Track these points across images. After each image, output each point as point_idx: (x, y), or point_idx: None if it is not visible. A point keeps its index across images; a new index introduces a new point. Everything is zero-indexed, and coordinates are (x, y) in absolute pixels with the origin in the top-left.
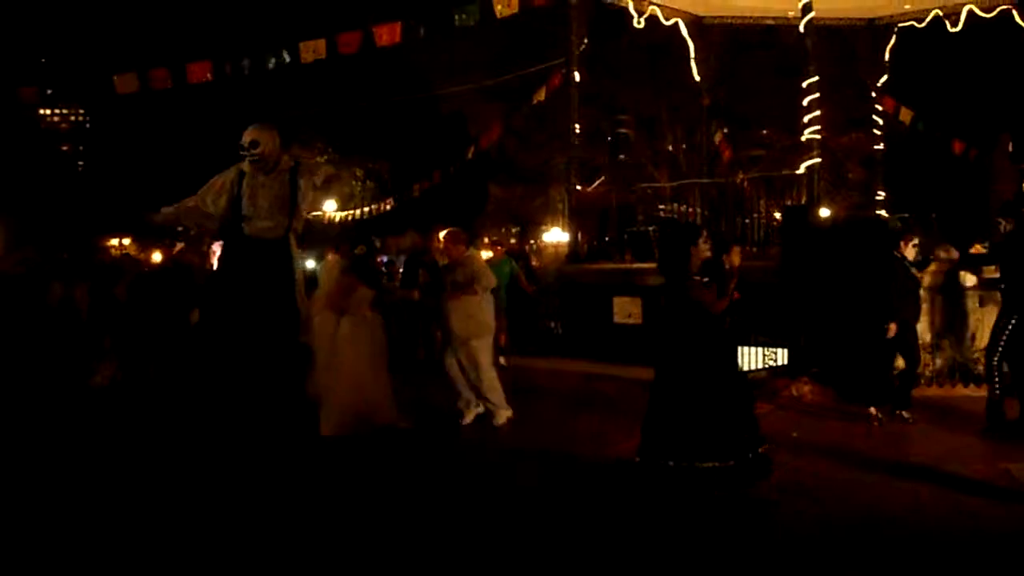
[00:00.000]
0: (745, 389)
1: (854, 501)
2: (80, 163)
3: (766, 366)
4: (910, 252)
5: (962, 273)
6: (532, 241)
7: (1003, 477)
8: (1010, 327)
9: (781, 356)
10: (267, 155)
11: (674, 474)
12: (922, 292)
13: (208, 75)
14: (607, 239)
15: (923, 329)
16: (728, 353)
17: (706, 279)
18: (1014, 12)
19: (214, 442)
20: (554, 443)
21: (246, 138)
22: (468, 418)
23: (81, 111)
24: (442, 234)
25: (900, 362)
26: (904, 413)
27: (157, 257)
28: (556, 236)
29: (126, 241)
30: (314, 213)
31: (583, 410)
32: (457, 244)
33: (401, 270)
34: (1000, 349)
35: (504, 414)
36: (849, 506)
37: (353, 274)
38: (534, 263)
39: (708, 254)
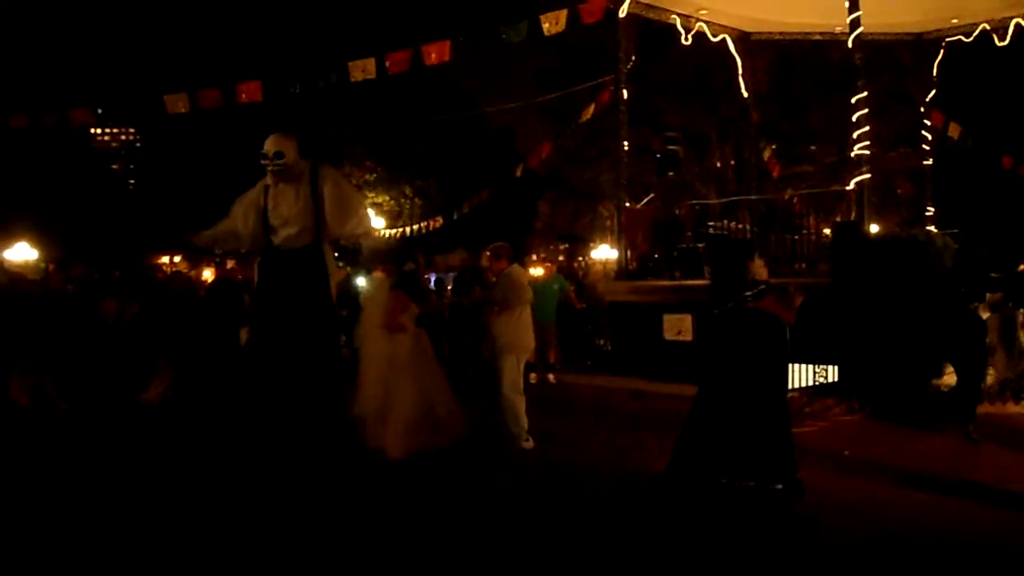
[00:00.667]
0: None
1: (910, 519)
2: (131, 182)
3: (816, 383)
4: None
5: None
6: (581, 258)
7: None
8: None
9: (832, 373)
10: (291, 164)
11: (727, 492)
12: None
13: (258, 95)
14: (656, 256)
15: None
16: (784, 370)
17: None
18: None
19: (249, 456)
20: (603, 459)
21: (270, 148)
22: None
23: (132, 130)
24: (487, 250)
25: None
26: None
27: (207, 275)
28: (605, 253)
29: (177, 259)
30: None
31: (632, 427)
32: (499, 260)
33: (450, 287)
34: None
35: (522, 442)
36: (911, 525)
37: (402, 291)
38: (583, 280)
39: (764, 271)
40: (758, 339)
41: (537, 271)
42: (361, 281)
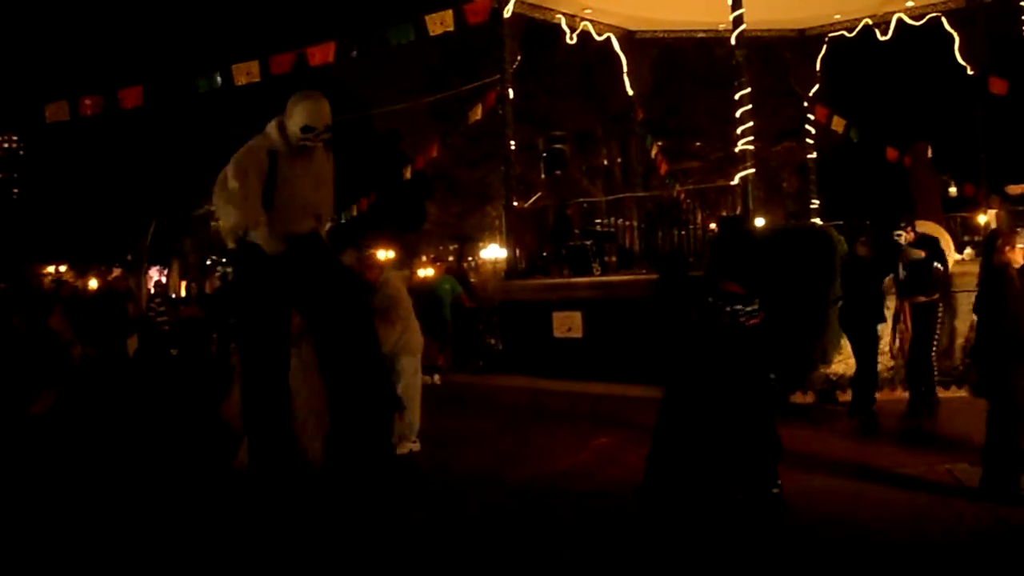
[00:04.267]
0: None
1: (814, 508)
2: (15, 191)
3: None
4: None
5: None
6: (470, 258)
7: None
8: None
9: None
10: None
11: (728, 506)
12: None
13: (141, 100)
14: (545, 254)
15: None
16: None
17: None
18: (943, 19)
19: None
20: (496, 462)
21: (321, 115)
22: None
23: (15, 138)
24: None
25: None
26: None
27: (94, 284)
28: (494, 252)
29: (62, 268)
30: None
31: (525, 426)
32: (372, 269)
33: None
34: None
35: (413, 446)
36: (811, 512)
37: None
38: (473, 280)
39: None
40: (737, 346)
41: (427, 272)
42: None
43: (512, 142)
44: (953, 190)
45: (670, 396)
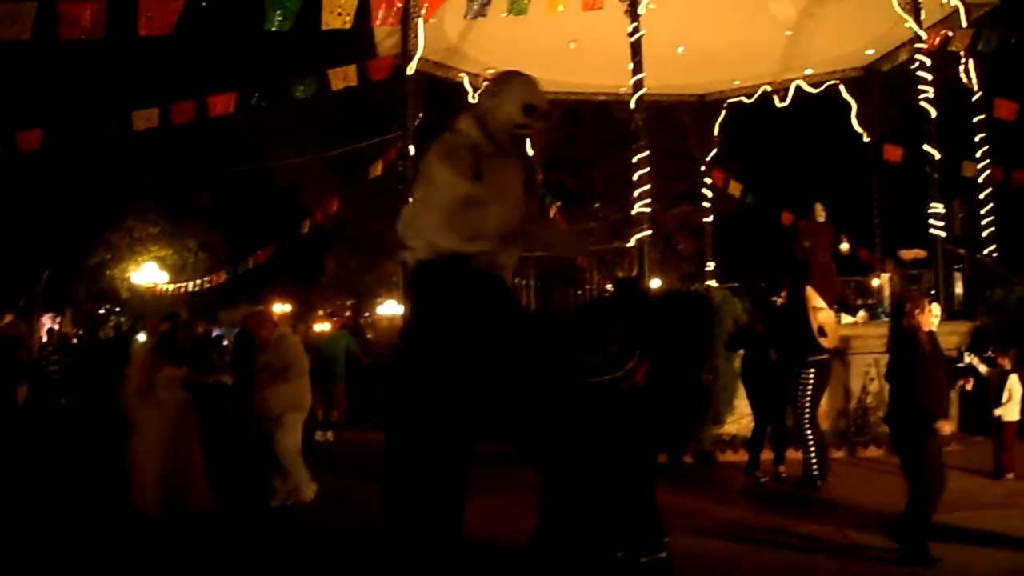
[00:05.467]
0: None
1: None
2: None
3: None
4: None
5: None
6: (367, 313)
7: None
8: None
9: None
10: None
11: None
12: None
13: (37, 143)
14: None
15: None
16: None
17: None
18: (840, 87)
19: None
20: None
21: (542, 94)
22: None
23: None
24: (246, 314)
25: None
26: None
27: None
28: (391, 309)
29: None
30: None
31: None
32: (264, 326)
33: (225, 343)
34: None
35: (308, 489)
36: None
37: (157, 352)
38: (369, 335)
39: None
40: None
41: (323, 327)
42: (141, 336)
43: (411, 199)
44: (845, 246)
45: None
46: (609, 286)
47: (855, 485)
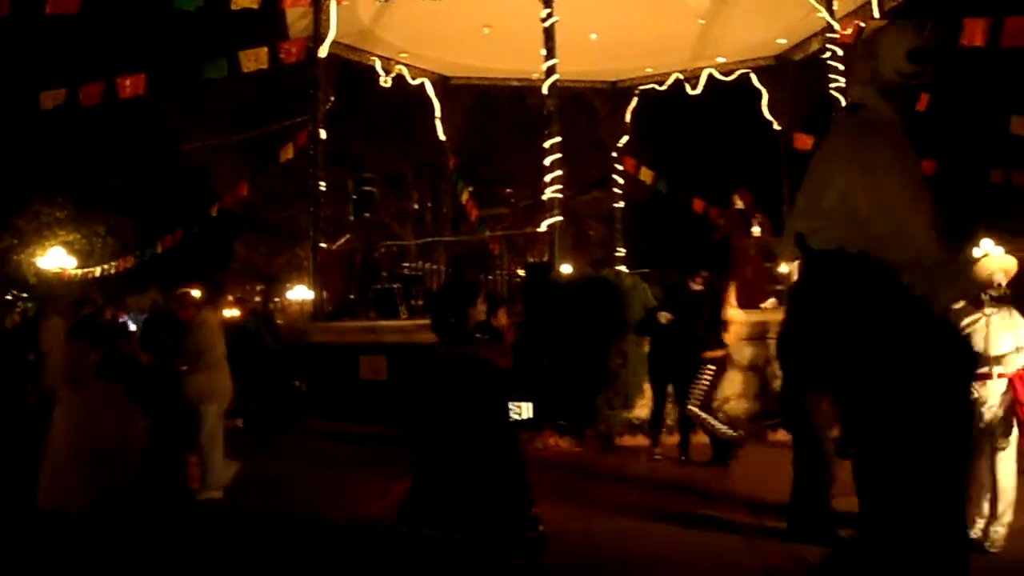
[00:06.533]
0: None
1: (613, 548)
2: None
3: (511, 420)
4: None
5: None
6: (277, 299)
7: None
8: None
9: (526, 410)
10: None
11: (458, 545)
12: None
13: None
14: (352, 297)
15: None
16: (506, 413)
17: (486, 337)
18: (752, 76)
19: None
20: (299, 506)
21: (920, 37)
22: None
23: None
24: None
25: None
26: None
27: None
28: (301, 294)
29: None
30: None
31: (334, 470)
32: (186, 308)
33: (133, 329)
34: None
35: (226, 478)
36: (610, 553)
37: (80, 338)
38: (279, 321)
39: (484, 316)
40: (477, 385)
41: (233, 312)
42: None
43: (322, 183)
44: (756, 230)
45: (423, 436)
46: (520, 271)
47: (764, 467)
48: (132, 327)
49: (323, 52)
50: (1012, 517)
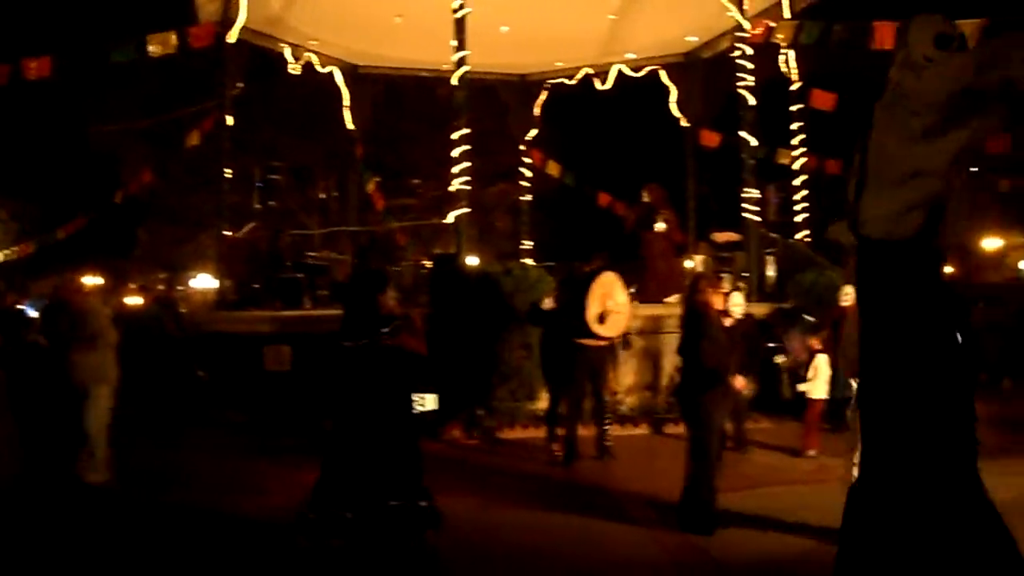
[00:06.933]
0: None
1: (511, 539)
2: None
3: (414, 411)
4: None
5: None
6: (181, 287)
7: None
8: None
9: (430, 401)
10: None
11: (354, 524)
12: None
13: None
14: (256, 286)
15: None
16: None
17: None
18: (661, 72)
19: None
20: (202, 495)
21: (945, 23)
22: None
23: None
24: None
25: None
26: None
27: None
28: (205, 282)
29: None
30: None
31: (236, 461)
32: (75, 292)
33: (36, 315)
34: None
35: (98, 477)
36: (507, 543)
37: None
38: (183, 309)
39: (394, 303)
40: (396, 375)
41: (136, 300)
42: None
43: (228, 170)
44: (660, 226)
45: (336, 424)
46: (426, 262)
47: (664, 459)
48: (33, 313)
49: (232, 37)
50: None
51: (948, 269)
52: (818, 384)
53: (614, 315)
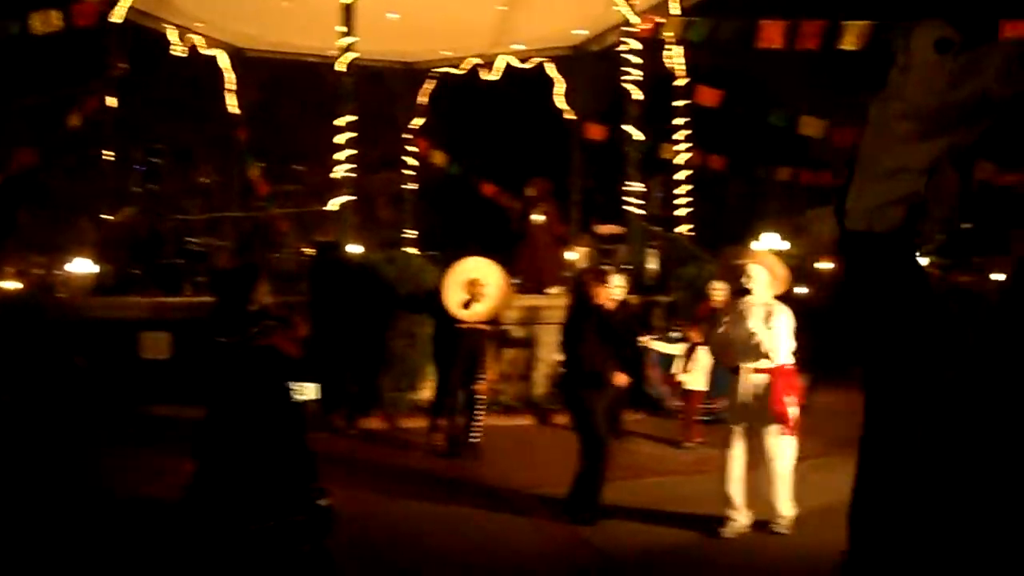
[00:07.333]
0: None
1: (402, 535)
2: None
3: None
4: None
5: None
6: (59, 271)
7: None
8: None
9: (311, 391)
10: None
11: (247, 535)
12: None
13: None
14: (136, 271)
15: None
16: (292, 406)
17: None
18: (548, 64)
19: None
20: (79, 485)
21: (946, 28)
22: None
23: None
24: None
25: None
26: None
27: None
28: (84, 267)
29: None
30: None
31: (109, 449)
32: None
33: None
34: None
35: None
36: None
37: None
38: (61, 295)
39: (269, 298)
40: (268, 376)
41: (12, 284)
42: None
43: (110, 153)
44: (539, 218)
45: (208, 421)
46: (308, 250)
47: (546, 449)
48: None
49: (117, 17)
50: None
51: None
52: (696, 375)
53: (480, 300)
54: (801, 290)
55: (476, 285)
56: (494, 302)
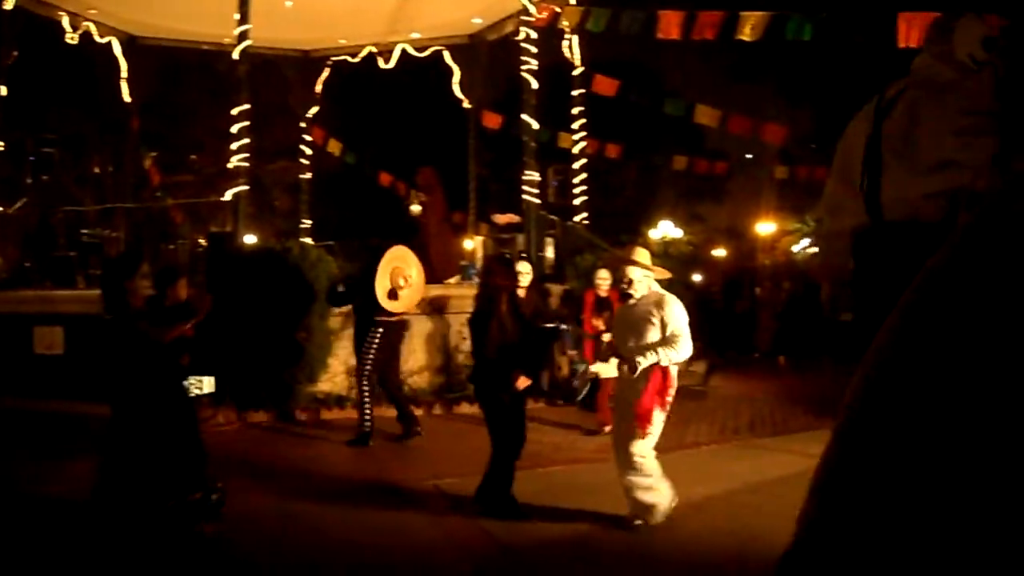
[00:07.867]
0: (195, 423)
1: (301, 529)
2: None
3: (192, 395)
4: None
5: None
6: None
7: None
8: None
9: (207, 384)
10: None
11: (140, 513)
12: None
13: None
14: (27, 264)
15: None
16: (180, 387)
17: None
18: (445, 53)
19: None
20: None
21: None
22: None
23: None
24: None
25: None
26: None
27: None
28: None
29: None
30: None
31: (3, 449)
32: None
33: None
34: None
35: None
36: (296, 535)
37: None
38: None
39: (148, 291)
40: (161, 361)
41: None
42: None
43: (0, 143)
44: (416, 208)
45: (113, 409)
46: (202, 241)
47: (450, 440)
48: None
49: (8, 3)
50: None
51: (722, 252)
52: (608, 364)
53: (406, 290)
54: (697, 277)
55: (401, 274)
56: (417, 292)
